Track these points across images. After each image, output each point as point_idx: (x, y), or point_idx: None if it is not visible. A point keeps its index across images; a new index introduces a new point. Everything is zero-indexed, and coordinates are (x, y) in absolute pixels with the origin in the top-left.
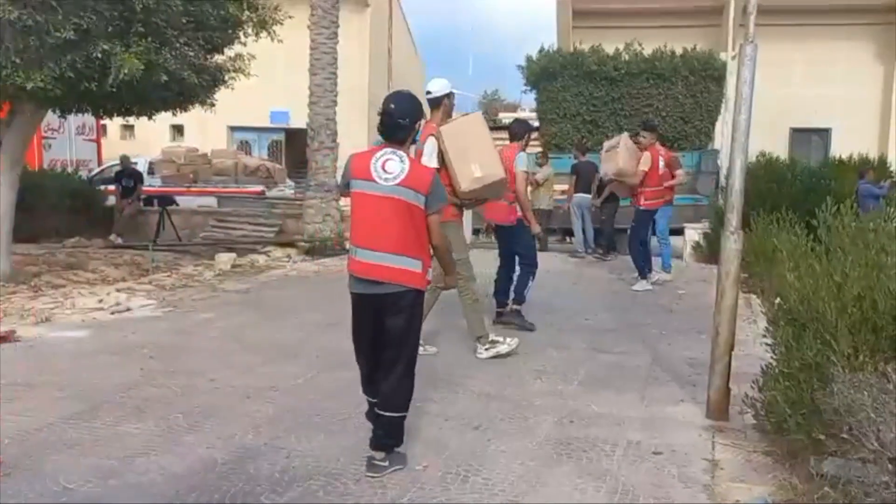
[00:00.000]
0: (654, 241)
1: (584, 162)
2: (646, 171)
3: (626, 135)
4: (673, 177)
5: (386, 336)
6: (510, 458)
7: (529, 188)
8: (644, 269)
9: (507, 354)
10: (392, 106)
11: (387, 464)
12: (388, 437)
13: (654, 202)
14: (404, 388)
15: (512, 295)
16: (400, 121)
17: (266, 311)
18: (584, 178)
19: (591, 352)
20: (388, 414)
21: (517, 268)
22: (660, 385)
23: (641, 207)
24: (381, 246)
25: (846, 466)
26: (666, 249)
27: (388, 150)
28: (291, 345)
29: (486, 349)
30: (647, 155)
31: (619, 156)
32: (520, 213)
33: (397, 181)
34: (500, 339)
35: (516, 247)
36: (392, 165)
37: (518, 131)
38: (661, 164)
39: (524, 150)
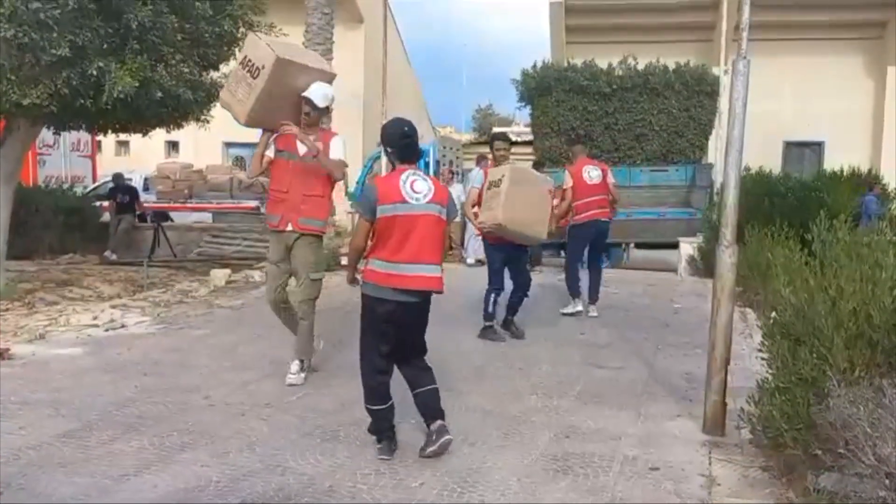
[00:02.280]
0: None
1: None
2: (566, 191)
3: (509, 167)
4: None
5: (413, 334)
6: (506, 474)
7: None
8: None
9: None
10: (407, 129)
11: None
12: (437, 403)
13: (583, 216)
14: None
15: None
16: (417, 142)
17: (260, 327)
18: None
19: (587, 367)
20: (434, 385)
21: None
22: (656, 400)
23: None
24: (424, 258)
25: (843, 481)
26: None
27: (410, 171)
28: (285, 361)
29: (303, 373)
30: (566, 174)
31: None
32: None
33: (427, 199)
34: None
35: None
36: (420, 185)
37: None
38: (591, 175)
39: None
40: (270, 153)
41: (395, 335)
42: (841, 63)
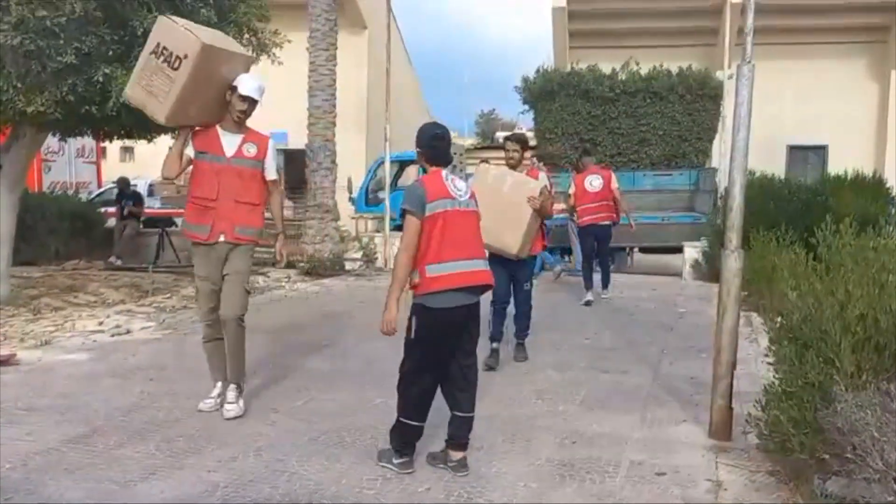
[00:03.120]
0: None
1: None
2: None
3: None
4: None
5: (470, 338)
6: (513, 479)
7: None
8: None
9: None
10: (440, 132)
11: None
12: (468, 433)
13: (584, 220)
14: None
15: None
16: (449, 148)
17: (264, 332)
18: None
19: (592, 371)
20: (471, 414)
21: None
22: (661, 405)
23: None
24: (477, 253)
25: (851, 486)
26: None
27: (445, 171)
28: (290, 366)
29: (242, 400)
30: (571, 181)
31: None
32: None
33: (468, 195)
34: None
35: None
36: (459, 184)
37: None
38: (592, 183)
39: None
40: (191, 153)
41: (448, 344)
42: (844, 67)
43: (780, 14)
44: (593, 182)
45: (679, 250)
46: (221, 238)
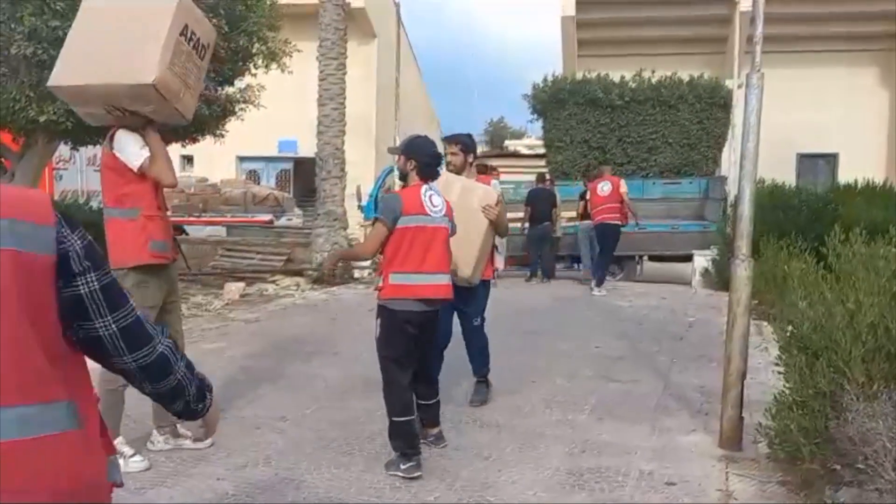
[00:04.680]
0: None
1: None
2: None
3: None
4: None
5: (433, 341)
6: (521, 488)
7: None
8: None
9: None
10: (434, 151)
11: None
12: (437, 414)
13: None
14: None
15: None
16: (439, 165)
17: (275, 340)
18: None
19: (601, 380)
20: (435, 399)
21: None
22: (671, 414)
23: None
24: (443, 268)
25: (862, 497)
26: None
27: (427, 186)
28: (299, 374)
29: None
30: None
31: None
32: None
33: (443, 212)
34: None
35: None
36: (436, 199)
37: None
38: (602, 189)
39: None
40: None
41: (416, 346)
42: (854, 75)
43: (790, 22)
44: (604, 188)
45: (688, 259)
46: (172, 254)
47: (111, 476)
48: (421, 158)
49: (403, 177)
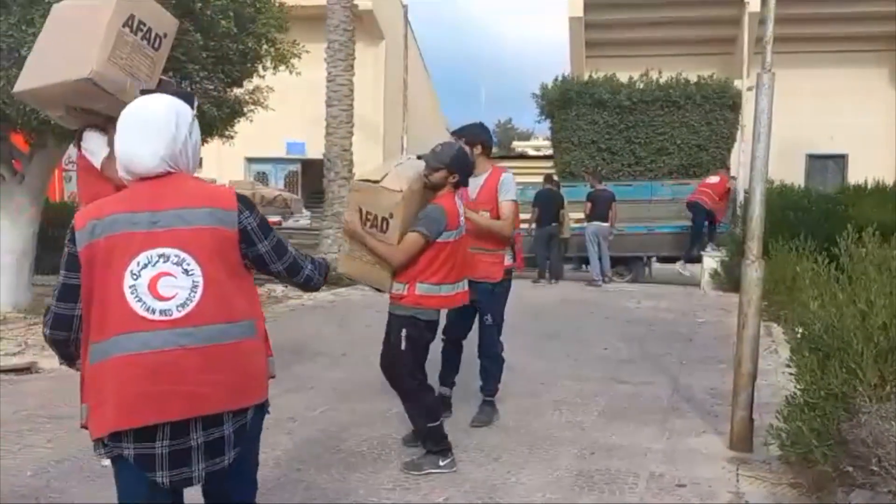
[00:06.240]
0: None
1: (600, 190)
2: None
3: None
4: None
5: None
6: (531, 490)
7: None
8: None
9: None
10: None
11: None
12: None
13: None
14: None
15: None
16: None
17: (283, 341)
18: (599, 206)
19: (611, 382)
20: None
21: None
22: (681, 416)
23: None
24: (465, 274)
25: (875, 499)
26: None
27: (457, 195)
28: (308, 375)
29: None
30: None
31: None
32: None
33: (464, 219)
34: None
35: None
36: (461, 208)
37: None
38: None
39: None
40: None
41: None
42: (864, 76)
43: (799, 23)
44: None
45: (697, 260)
46: None
47: (271, 371)
48: (464, 170)
49: (436, 186)
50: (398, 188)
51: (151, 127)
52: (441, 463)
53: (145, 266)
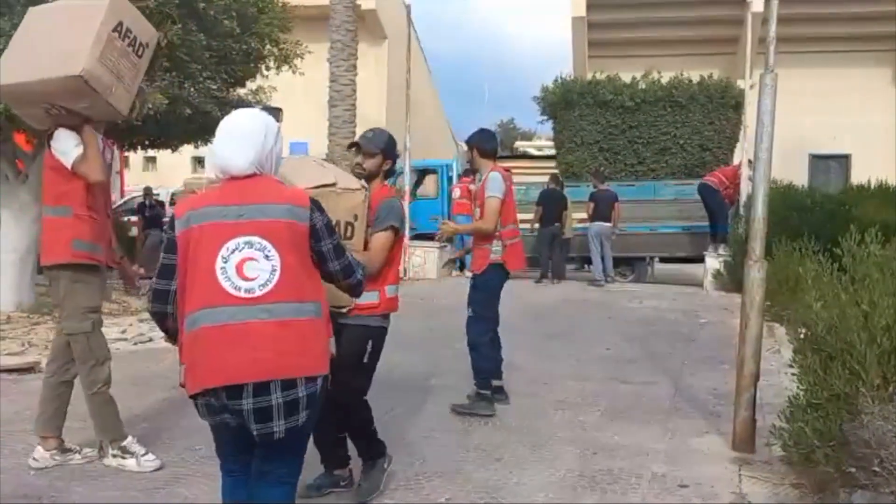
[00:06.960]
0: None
1: (602, 190)
2: None
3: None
4: None
5: None
6: (533, 490)
7: None
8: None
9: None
10: None
11: None
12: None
13: None
14: None
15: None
16: None
17: None
18: (602, 206)
19: (613, 382)
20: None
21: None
22: (683, 416)
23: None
24: None
25: (877, 500)
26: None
27: None
28: None
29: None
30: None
31: None
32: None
33: None
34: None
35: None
36: None
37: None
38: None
39: None
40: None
41: None
42: (867, 75)
43: (802, 23)
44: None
45: (700, 260)
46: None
47: (332, 349)
48: (395, 159)
49: (370, 176)
50: (356, 186)
51: (247, 138)
52: (385, 466)
53: (234, 251)
